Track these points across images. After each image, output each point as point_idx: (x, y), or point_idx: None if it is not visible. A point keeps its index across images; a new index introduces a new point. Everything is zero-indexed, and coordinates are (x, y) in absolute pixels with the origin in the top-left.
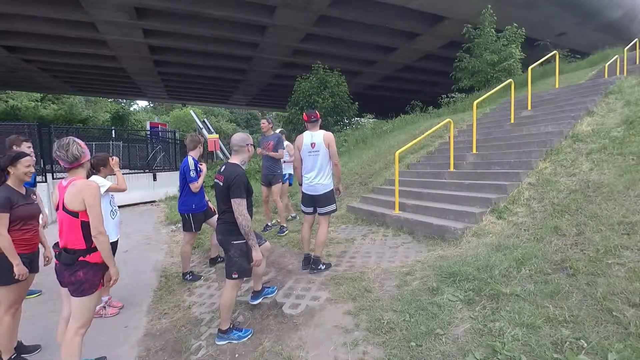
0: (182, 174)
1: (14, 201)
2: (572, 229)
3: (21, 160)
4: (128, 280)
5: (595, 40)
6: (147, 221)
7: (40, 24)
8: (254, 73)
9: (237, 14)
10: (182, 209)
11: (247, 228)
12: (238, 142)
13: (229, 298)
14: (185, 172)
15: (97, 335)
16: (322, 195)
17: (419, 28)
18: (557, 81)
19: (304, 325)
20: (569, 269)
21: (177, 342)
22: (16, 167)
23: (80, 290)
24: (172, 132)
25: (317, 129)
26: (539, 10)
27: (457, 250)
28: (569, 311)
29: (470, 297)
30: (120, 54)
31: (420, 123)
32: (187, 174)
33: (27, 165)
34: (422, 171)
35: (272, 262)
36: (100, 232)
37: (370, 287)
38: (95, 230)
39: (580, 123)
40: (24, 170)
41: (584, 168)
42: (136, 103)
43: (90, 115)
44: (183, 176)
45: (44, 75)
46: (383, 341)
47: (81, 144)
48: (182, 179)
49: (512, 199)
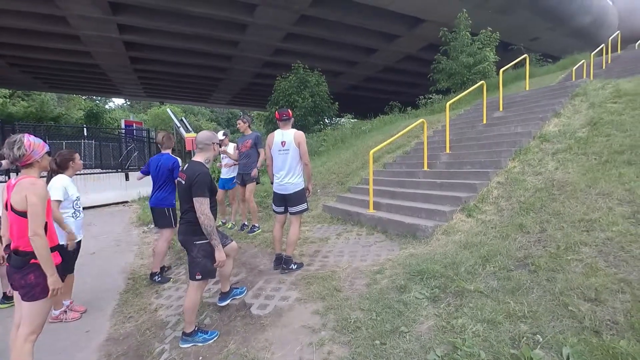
0: (160, 169)
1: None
2: (535, 227)
3: None
4: (93, 283)
5: (566, 45)
6: (117, 222)
7: (8, 17)
8: (235, 72)
9: (217, 12)
10: (164, 203)
11: (210, 228)
12: (203, 140)
13: (193, 300)
14: (174, 169)
15: (56, 341)
16: (293, 195)
17: (399, 30)
18: (528, 84)
19: (271, 326)
20: (530, 266)
21: (141, 347)
22: None
23: (30, 294)
24: (146, 130)
25: (288, 127)
26: (513, 16)
27: (427, 248)
28: (528, 307)
29: (436, 295)
30: (94, 50)
31: (398, 123)
32: (176, 170)
33: None
34: (398, 170)
35: (244, 262)
36: (36, 233)
37: (340, 286)
38: (31, 231)
39: (547, 124)
40: None
41: (550, 167)
42: (112, 101)
43: (62, 113)
44: (162, 172)
45: (13, 71)
46: (348, 340)
47: (29, 143)
48: (161, 175)
49: (482, 198)
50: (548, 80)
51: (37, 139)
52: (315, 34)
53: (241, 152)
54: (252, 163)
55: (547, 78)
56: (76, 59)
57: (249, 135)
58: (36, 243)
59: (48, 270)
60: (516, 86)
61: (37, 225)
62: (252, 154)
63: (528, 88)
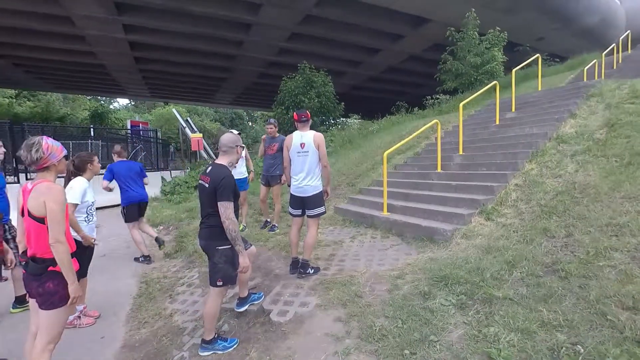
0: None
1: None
2: (561, 231)
3: None
4: (105, 287)
5: (573, 45)
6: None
7: (12, 17)
8: (239, 72)
9: (221, 11)
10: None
11: (235, 233)
12: (227, 143)
13: (213, 307)
14: (142, 169)
15: (71, 348)
16: (311, 197)
17: (403, 30)
18: (540, 84)
19: (293, 334)
20: (560, 272)
21: (158, 354)
22: None
23: (49, 302)
24: (153, 131)
25: (307, 129)
26: (519, 16)
27: (446, 253)
28: (563, 315)
29: (462, 302)
30: (99, 50)
31: (406, 124)
32: (144, 170)
33: None
34: (410, 172)
35: (259, 266)
36: (57, 240)
37: (361, 292)
38: (52, 238)
39: (563, 125)
40: None
41: (570, 169)
42: (116, 101)
43: (68, 113)
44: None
45: (18, 71)
46: (375, 349)
47: (47, 146)
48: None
49: (500, 200)
50: (557, 80)
51: (55, 142)
52: (320, 34)
53: (267, 155)
54: (277, 165)
55: (556, 78)
56: (81, 59)
57: (277, 138)
58: (58, 250)
59: (69, 278)
60: (525, 86)
61: (58, 232)
62: (278, 157)
63: (540, 88)
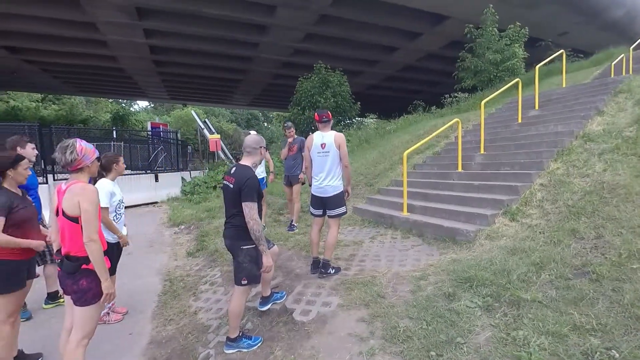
0: None
1: (13, 205)
2: (590, 232)
3: (21, 163)
4: (131, 285)
5: (598, 40)
6: (149, 223)
7: (40, 25)
8: (255, 73)
9: (237, 14)
10: None
11: (258, 233)
12: (251, 144)
13: (238, 305)
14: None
15: (100, 343)
16: (332, 198)
17: (420, 28)
18: (564, 80)
19: (316, 333)
20: (591, 274)
21: (184, 351)
22: (16, 169)
23: (83, 299)
24: (174, 132)
25: (328, 129)
26: (541, 10)
27: (470, 254)
28: (596, 319)
29: (489, 304)
30: (120, 54)
31: (423, 123)
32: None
33: (25, 168)
34: (429, 172)
35: (280, 265)
36: (91, 239)
37: (383, 292)
38: (86, 237)
39: (590, 122)
40: (23, 173)
41: (597, 169)
42: (136, 103)
43: (91, 116)
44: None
45: (45, 76)
46: (401, 350)
47: (81, 148)
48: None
49: (525, 201)
50: (581, 76)
51: (88, 144)
52: (335, 34)
53: (289, 156)
54: (298, 165)
55: (580, 74)
56: (103, 63)
57: (295, 140)
58: (91, 248)
59: (102, 275)
60: (547, 83)
61: (92, 231)
62: (298, 157)
63: (564, 85)
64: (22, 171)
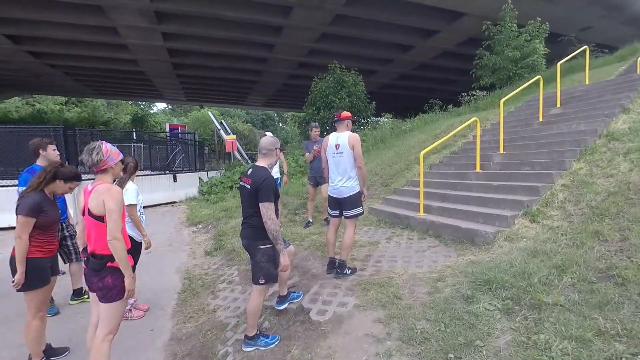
0: None
1: (44, 208)
2: (615, 234)
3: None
4: (151, 283)
5: (622, 34)
6: (168, 222)
7: (64, 30)
8: (270, 74)
9: (253, 15)
10: None
11: (276, 232)
12: (267, 146)
13: (256, 304)
14: None
15: (123, 339)
16: (347, 199)
17: (436, 25)
18: (587, 77)
19: (333, 333)
20: (616, 278)
21: (204, 348)
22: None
23: (108, 296)
24: (192, 133)
25: (343, 129)
26: (562, 4)
27: (489, 256)
28: (621, 324)
29: (509, 307)
30: (140, 58)
31: (440, 122)
32: None
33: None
34: (446, 172)
35: (296, 265)
36: (115, 237)
37: (400, 293)
38: (109, 235)
39: (615, 121)
40: (65, 190)
41: (622, 169)
42: (155, 105)
43: (112, 118)
44: None
45: (68, 80)
46: (418, 352)
47: (106, 150)
48: None
49: (546, 202)
50: (605, 72)
51: (113, 147)
52: (350, 33)
53: (316, 157)
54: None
55: (604, 70)
56: (124, 66)
57: (319, 140)
58: (115, 246)
59: (126, 272)
60: (569, 80)
61: (116, 230)
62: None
63: (587, 82)
64: (66, 188)
